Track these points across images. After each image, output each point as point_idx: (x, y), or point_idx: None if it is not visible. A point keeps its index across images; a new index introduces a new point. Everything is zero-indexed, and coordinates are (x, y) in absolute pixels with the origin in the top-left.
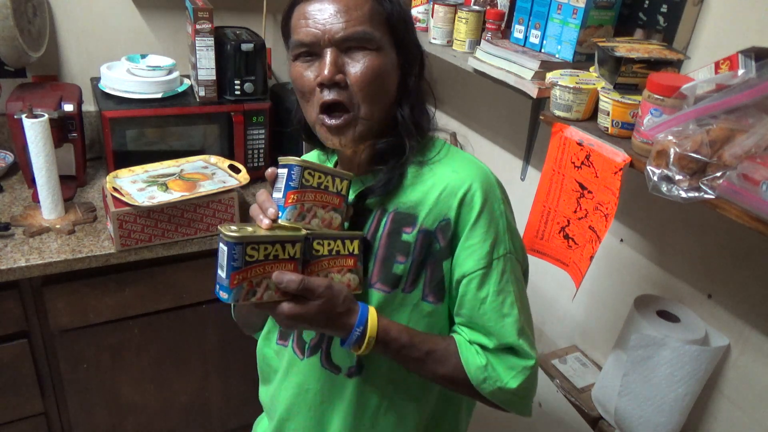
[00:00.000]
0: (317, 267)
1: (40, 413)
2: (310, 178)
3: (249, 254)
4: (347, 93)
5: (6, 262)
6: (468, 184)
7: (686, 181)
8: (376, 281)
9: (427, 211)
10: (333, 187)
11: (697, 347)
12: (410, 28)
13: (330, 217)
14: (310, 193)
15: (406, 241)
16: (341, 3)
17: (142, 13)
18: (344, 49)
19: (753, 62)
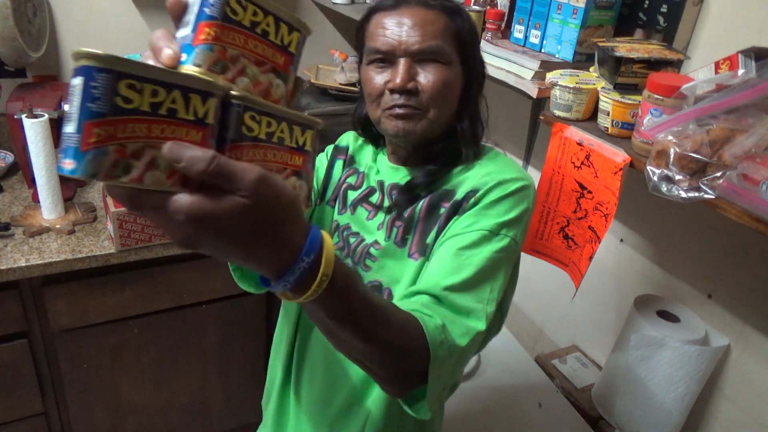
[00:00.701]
0: (247, 155)
1: (40, 413)
2: (240, 11)
3: (125, 96)
4: (417, 99)
5: (6, 262)
6: (515, 175)
7: (686, 181)
8: (415, 251)
9: (463, 187)
10: (276, 37)
11: (697, 347)
12: (477, 45)
13: (267, 82)
14: (239, 34)
15: (439, 214)
16: (418, 17)
17: (142, 13)
18: (417, 60)
19: (753, 62)
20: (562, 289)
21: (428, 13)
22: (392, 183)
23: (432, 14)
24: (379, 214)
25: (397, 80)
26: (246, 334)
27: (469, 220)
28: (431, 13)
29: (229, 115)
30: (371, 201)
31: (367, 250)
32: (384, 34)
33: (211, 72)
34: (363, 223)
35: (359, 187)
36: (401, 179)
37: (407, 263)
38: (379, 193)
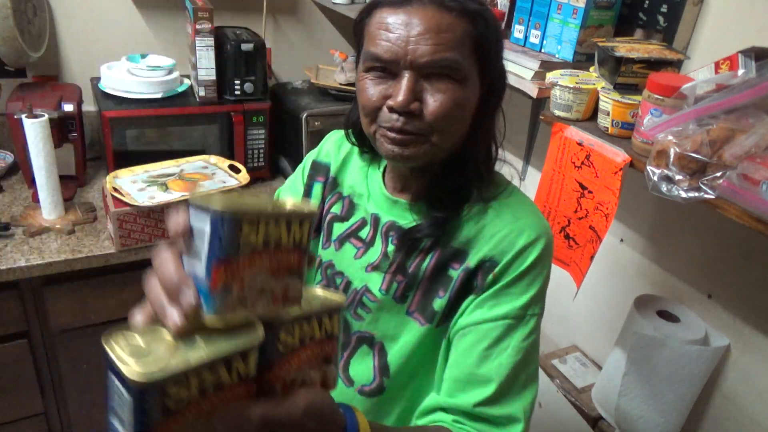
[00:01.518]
0: (285, 368)
1: (40, 413)
2: (251, 234)
3: (172, 394)
4: (419, 123)
5: (6, 262)
6: (532, 236)
7: (686, 181)
8: (415, 310)
9: (477, 249)
10: (288, 239)
11: (697, 347)
12: (501, 53)
13: (284, 287)
14: (256, 257)
15: (450, 276)
16: (432, 21)
17: (142, 13)
18: (424, 74)
19: (753, 62)
20: (562, 289)
21: (444, 16)
22: (389, 221)
23: (449, 18)
24: (369, 252)
25: (398, 98)
26: None
27: (490, 304)
28: (448, 16)
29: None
30: (360, 236)
31: (360, 299)
32: (387, 38)
33: (232, 312)
34: (350, 261)
35: (346, 219)
36: (400, 217)
37: (406, 321)
38: (370, 229)
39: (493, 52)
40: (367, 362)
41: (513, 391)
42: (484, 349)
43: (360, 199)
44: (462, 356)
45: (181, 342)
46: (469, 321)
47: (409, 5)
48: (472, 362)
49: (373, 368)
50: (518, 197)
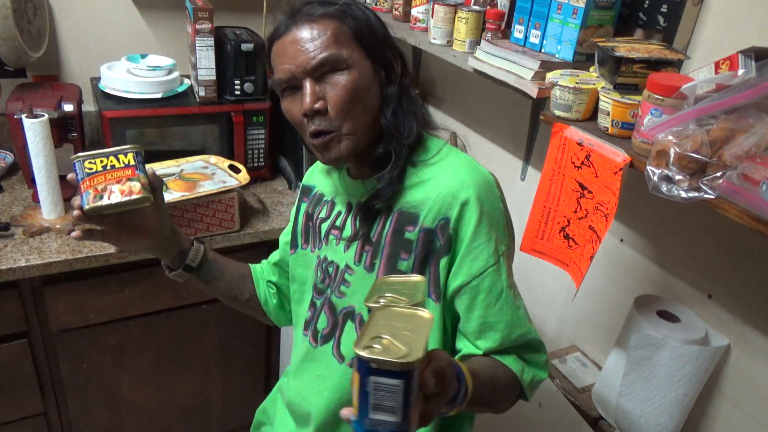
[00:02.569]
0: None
1: (40, 413)
2: (92, 166)
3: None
4: (328, 119)
5: (6, 262)
6: (468, 187)
7: (686, 181)
8: (384, 275)
9: (427, 210)
10: (119, 163)
11: (697, 347)
12: (380, 36)
13: (129, 187)
14: (99, 176)
15: (409, 239)
16: (306, 33)
17: (142, 13)
18: (319, 76)
19: (753, 62)
20: (562, 289)
21: (315, 26)
22: (358, 203)
23: (318, 25)
24: (344, 234)
25: (305, 104)
26: (246, 334)
27: (468, 262)
28: (317, 24)
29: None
30: (336, 225)
31: (342, 276)
32: (281, 62)
33: (95, 203)
34: (334, 249)
35: (328, 217)
36: (362, 197)
37: None
38: (344, 215)
39: (370, 36)
40: (353, 335)
41: (527, 321)
42: (483, 299)
43: (337, 198)
44: (468, 312)
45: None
46: (460, 282)
47: (290, 30)
48: (479, 314)
49: None
50: (453, 155)
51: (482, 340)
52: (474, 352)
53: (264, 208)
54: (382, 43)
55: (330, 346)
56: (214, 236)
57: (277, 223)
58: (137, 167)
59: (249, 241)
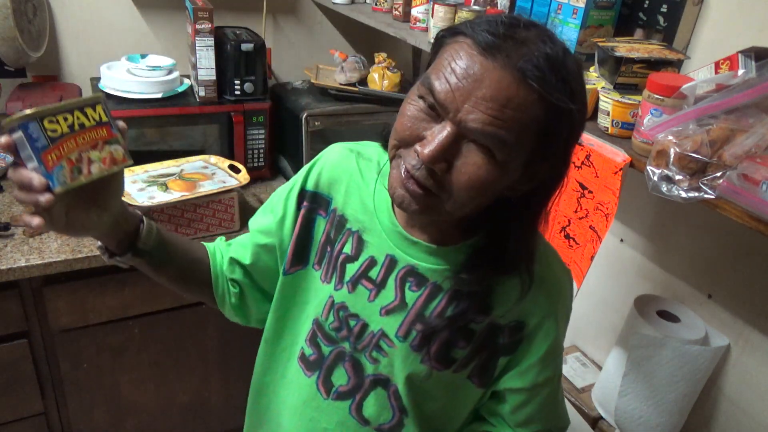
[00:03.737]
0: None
1: (40, 413)
2: (56, 127)
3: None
4: (438, 183)
5: (6, 262)
6: (555, 297)
7: (686, 181)
8: (431, 359)
9: (503, 304)
10: (89, 120)
11: (697, 347)
12: (567, 150)
13: (109, 153)
14: (68, 141)
15: (472, 330)
16: (503, 92)
17: (142, 13)
18: (466, 136)
19: (753, 62)
20: None
21: (520, 93)
22: (408, 266)
23: (523, 94)
24: (381, 295)
25: (426, 151)
26: (246, 334)
27: (538, 368)
28: (524, 93)
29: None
30: (370, 277)
31: (377, 342)
32: (448, 78)
33: (75, 180)
34: (364, 304)
35: (356, 258)
36: (420, 260)
37: (420, 368)
38: (381, 269)
39: (558, 146)
40: (383, 402)
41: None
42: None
43: (369, 235)
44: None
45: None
46: (520, 385)
47: (492, 59)
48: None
49: (391, 407)
50: (544, 256)
51: (522, 429)
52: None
53: None
54: (559, 160)
55: (347, 404)
56: (214, 236)
57: None
58: (111, 124)
59: None
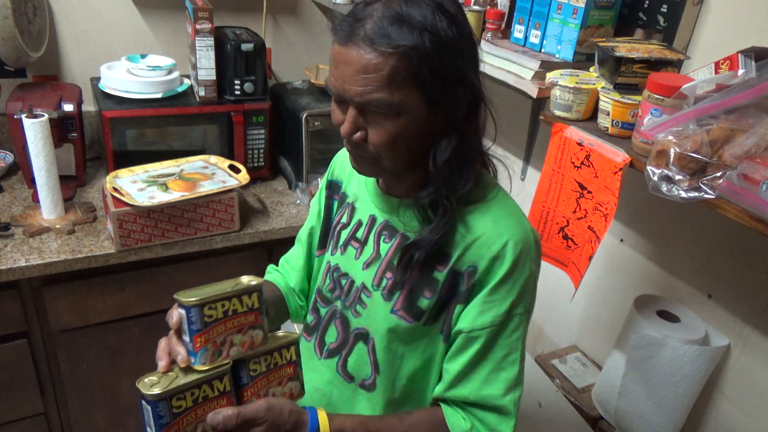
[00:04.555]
0: (257, 387)
1: (40, 413)
2: (213, 312)
3: (175, 406)
4: (365, 149)
5: (6, 262)
6: (504, 239)
7: (686, 181)
8: (400, 308)
9: (460, 252)
10: (242, 307)
11: (697, 347)
12: (451, 74)
13: (250, 338)
14: (219, 326)
15: (436, 278)
16: (361, 62)
17: (142, 13)
18: (362, 109)
19: (753, 62)
20: (562, 289)
21: (371, 57)
22: (384, 221)
23: (376, 59)
24: (364, 251)
25: (343, 129)
26: None
27: (475, 312)
28: (375, 56)
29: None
30: (357, 237)
31: (359, 296)
32: (333, 73)
33: (213, 362)
34: (352, 262)
35: (349, 224)
36: (391, 214)
37: (390, 319)
38: (365, 228)
39: (440, 75)
40: (364, 358)
41: (503, 387)
42: (475, 353)
43: (359, 203)
44: (455, 357)
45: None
46: (461, 327)
47: (348, 44)
48: (465, 362)
49: (369, 363)
50: (501, 201)
51: (452, 391)
52: (439, 394)
53: (264, 208)
54: (452, 82)
55: (335, 362)
56: (214, 236)
57: (277, 223)
58: (261, 310)
59: (249, 241)
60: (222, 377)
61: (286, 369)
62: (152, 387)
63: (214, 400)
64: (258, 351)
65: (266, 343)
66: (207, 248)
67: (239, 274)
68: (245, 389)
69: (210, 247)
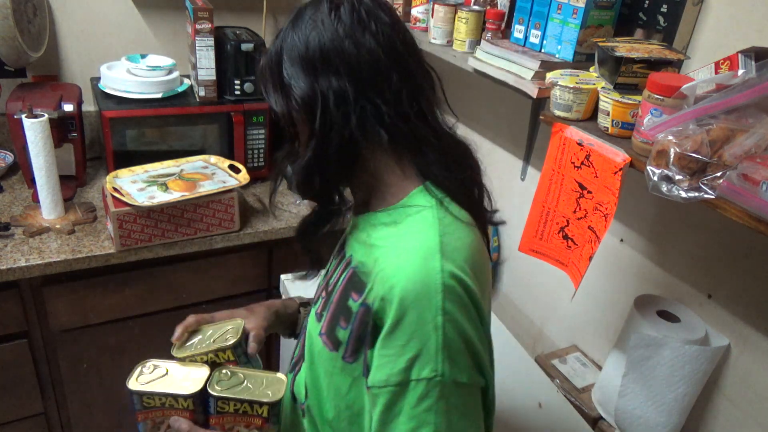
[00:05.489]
0: (224, 421)
1: (40, 413)
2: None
3: (145, 402)
4: None
5: (6, 262)
6: (396, 278)
7: (686, 181)
8: (324, 332)
9: (371, 283)
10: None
11: (697, 347)
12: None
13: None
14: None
15: (350, 308)
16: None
17: (142, 13)
18: None
19: (753, 62)
20: (562, 289)
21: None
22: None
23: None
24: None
25: None
26: None
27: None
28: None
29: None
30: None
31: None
32: None
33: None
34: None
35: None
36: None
37: (318, 343)
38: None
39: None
40: (302, 379)
41: None
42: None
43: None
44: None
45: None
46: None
47: None
48: (376, 422)
49: (304, 385)
50: (413, 228)
51: None
52: None
53: (264, 208)
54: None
55: (290, 379)
56: (214, 236)
57: (277, 223)
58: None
59: (249, 241)
60: (186, 398)
61: (254, 419)
62: (137, 381)
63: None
64: (230, 396)
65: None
66: (207, 248)
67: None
68: (211, 417)
69: (210, 247)
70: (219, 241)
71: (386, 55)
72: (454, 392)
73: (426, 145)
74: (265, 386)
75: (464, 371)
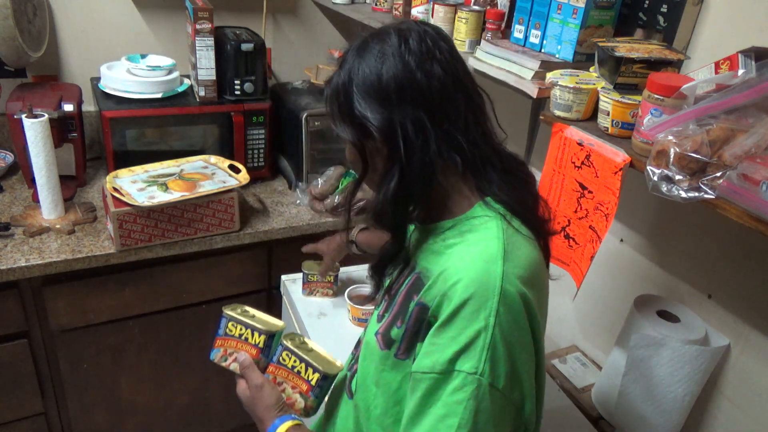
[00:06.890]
0: (278, 372)
1: (40, 413)
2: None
3: (229, 328)
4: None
5: (6, 262)
6: (457, 278)
7: (686, 181)
8: (380, 332)
9: (431, 282)
10: (252, 339)
11: (697, 347)
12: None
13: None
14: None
15: (409, 308)
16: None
17: (142, 13)
18: None
19: (753, 62)
20: (563, 289)
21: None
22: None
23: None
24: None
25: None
26: None
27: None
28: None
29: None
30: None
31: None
32: None
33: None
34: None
35: None
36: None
37: (371, 340)
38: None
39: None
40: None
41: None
42: (419, 399)
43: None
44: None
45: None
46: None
47: None
48: (413, 407)
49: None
50: (478, 236)
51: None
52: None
53: (264, 208)
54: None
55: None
56: (214, 236)
57: (277, 223)
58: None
59: (249, 241)
60: (261, 333)
61: (302, 383)
62: (231, 310)
63: (249, 345)
64: (296, 351)
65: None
66: (207, 248)
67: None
68: (271, 365)
69: (210, 247)
70: (219, 241)
71: (452, 82)
72: (487, 395)
73: (490, 166)
74: (324, 362)
75: (501, 377)
